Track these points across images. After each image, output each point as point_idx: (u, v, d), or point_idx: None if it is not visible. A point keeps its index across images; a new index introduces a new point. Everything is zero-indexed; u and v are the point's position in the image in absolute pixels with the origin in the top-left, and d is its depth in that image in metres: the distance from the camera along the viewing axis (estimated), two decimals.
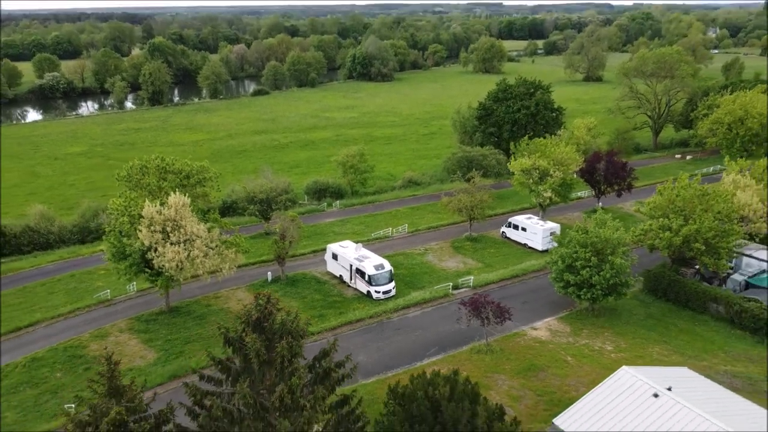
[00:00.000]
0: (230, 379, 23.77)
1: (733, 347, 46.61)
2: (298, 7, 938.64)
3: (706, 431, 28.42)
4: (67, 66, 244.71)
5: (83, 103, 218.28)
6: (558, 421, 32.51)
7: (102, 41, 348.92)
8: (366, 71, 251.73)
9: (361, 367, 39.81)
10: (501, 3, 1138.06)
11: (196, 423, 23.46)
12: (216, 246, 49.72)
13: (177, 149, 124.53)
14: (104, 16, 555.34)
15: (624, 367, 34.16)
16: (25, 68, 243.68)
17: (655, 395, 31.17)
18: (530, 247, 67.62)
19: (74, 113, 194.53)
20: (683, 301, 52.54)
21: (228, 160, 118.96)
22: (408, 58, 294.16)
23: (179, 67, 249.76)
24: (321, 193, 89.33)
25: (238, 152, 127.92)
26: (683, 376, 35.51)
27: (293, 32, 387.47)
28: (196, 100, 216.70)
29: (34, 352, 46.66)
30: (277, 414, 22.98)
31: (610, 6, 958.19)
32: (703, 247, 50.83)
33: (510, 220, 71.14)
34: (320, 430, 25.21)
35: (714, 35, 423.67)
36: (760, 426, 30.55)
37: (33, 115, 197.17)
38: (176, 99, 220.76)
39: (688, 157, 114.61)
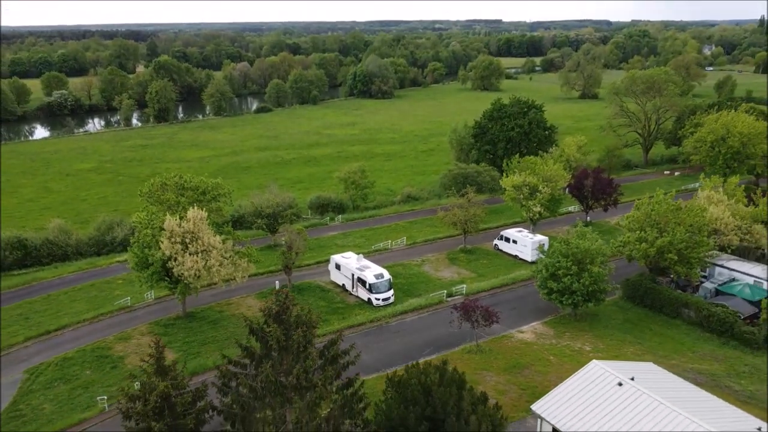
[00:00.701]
0: (254, 363, 28.36)
1: (700, 348, 51.15)
2: (300, 24, 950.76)
3: (658, 413, 32.96)
4: (74, 83, 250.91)
5: (90, 120, 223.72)
6: (535, 406, 37.06)
7: (107, 58, 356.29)
8: (367, 89, 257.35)
9: (362, 365, 44.03)
10: (500, 20, 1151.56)
11: (226, 399, 28.02)
12: (230, 256, 54.45)
13: (184, 165, 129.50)
14: (109, 34, 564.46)
15: (594, 360, 38.76)
16: (33, 85, 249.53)
17: (620, 384, 35.73)
18: (521, 259, 72.16)
19: (82, 130, 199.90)
20: (658, 307, 57.17)
21: (233, 176, 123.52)
22: (408, 75, 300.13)
23: (184, 84, 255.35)
24: (324, 207, 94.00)
25: (243, 168, 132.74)
26: (648, 369, 40.05)
27: (295, 50, 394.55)
28: (201, 117, 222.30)
29: (64, 353, 51.19)
30: (293, 393, 27.53)
31: (608, 23, 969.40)
32: (676, 258, 55.52)
33: (502, 233, 75.81)
34: (329, 409, 29.73)
35: (709, 52, 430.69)
36: (712, 411, 35.01)
37: (41, 132, 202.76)
38: (180, 116, 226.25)
39: (677, 174, 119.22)
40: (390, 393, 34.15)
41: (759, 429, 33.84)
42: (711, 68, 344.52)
